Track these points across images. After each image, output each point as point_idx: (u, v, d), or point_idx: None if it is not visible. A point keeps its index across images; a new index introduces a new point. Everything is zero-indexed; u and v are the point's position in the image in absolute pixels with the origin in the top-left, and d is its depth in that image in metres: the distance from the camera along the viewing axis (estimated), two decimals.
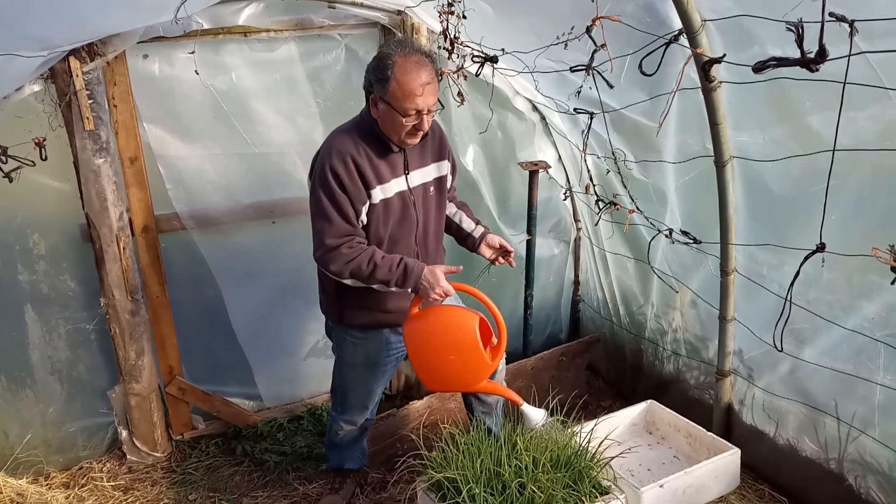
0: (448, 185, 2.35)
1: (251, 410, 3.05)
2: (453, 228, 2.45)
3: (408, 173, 2.18)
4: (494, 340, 2.16)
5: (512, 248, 2.34)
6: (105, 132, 2.46)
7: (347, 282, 2.11)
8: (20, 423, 2.73)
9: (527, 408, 2.21)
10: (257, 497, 2.72)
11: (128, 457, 2.88)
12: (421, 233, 2.26)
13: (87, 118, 2.39)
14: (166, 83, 2.58)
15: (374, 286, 2.11)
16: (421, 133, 2.07)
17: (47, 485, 2.75)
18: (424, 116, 2.01)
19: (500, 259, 2.37)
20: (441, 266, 2.11)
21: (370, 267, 2.06)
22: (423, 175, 2.23)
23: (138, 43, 2.42)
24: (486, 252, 2.37)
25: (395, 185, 2.16)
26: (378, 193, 2.12)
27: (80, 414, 2.83)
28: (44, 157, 2.33)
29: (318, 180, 2.07)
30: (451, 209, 2.44)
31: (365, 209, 2.11)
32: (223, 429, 3.03)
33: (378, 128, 2.10)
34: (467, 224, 2.43)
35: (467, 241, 2.42)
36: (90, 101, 2.38)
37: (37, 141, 2.30)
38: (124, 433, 2.86)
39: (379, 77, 2.00)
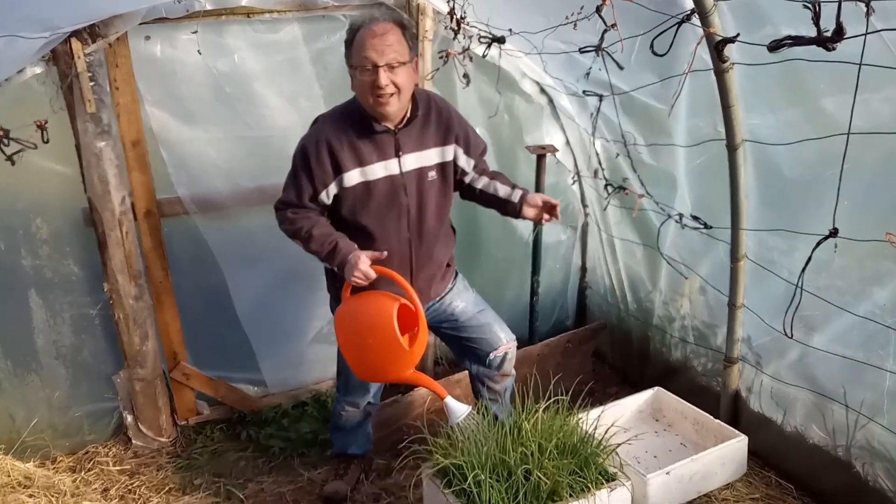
0: (455, 170, 2.28)
1: (256, 396, 3.05)
2: (490, 199, 2.34)
3: (400, 157, 2.15)
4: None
5: (556, 201, 2.21)
6: (107, 115, 2.44)
7: (295, 243, 2.19)
8: (26, 407, 2.74)
9: (450, 401, 2.13)
10: (262, 482, 2.72)
11: (133, 441, 2.89)
12: (414, 220, 2.21)
13: (89, 101, 2.37)
14: (168, 65, 2.55)
15: (312, 255, 2.17)
16: (387, 95, 2.00)
17: (54, 468, 2.76)
18: (381, 71, 1.97)
19: (547, 215, 2.22)
20: (368, 252, 2.07)
21: (307, 235, 2.13)
22: (419, 159, 2.18)
23: (140, 24, 2.38)
24: (530, 213, 2.24)
25: (382, 169, 2.13)
26: (355, 176, 2.11)
27: (85, 399, 2.84)
28: (46, 139, 2.31)
29: (294, 154, 2.19)
30: (483, 182, 2.34)
31: (330, 190, 2.14)
32: (228, 414, 3.03)
33: (363, 108, 2.09)
34: (503, 191, 2.30)
35: (508, 209, 2.31)
36: (92, 84, 2.36)
37: (38, 124, 2.28)
38: (129, 418, 2.86)
39: (346, 44, 2.05)
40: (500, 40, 2.50)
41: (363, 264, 2.03)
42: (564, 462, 2.14)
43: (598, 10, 1.85)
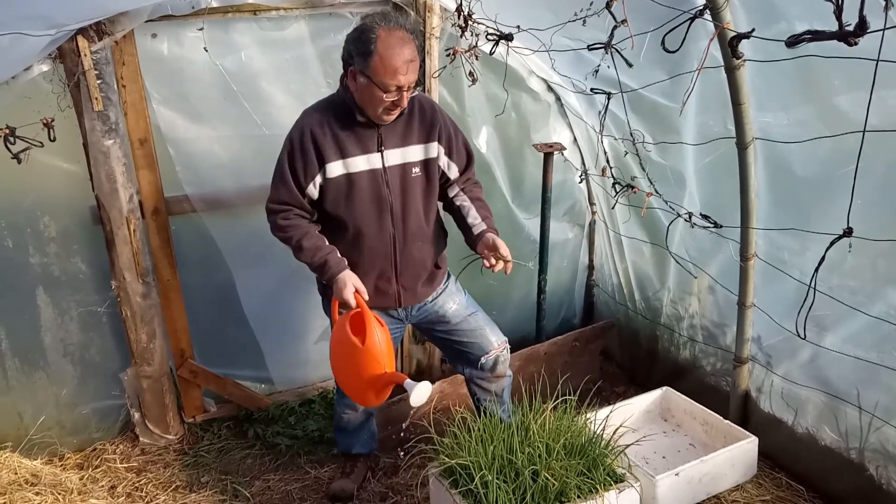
0: (439, 169, 2.25)
1: (262, 394, 3.05)
2: (461, 222, 2.34)
3: (382, 151, 2.13)
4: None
5: (504, 253, 2.15)
6: (114, 113, 2.43)
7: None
8: (34, 404, 2.74)
9: (409, 383, 2.05)
10: (269, 480, 2.71)
11: (140, 439, 2.89)
12: (399, 217, 2.19)
13: (96, 98, 2.36)
14: (175, 63, 2.55)
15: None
16: (399, 110, 2.05)
17: (62, 465, 2.77)
18: (404, 93, 2.00)
19: (493, 261, 2.17)
20: (357, 282, 2.12)
21: (297, 245, 2.15)
22: (403, 155, 2.17)
23: (147, 22, 2.37)
24: (481, 251, 2.23)
25: (364, 162, 2.13)
26: (337, 168, 2.11)
27: (92, 396, 2.84)
28: (52, 137, 2.30)
29: (281, 148, 2.18)
30: (463, 202, 2.32)
31: (316, 183, 2.14)
32: (234, 412, 3.03)
33: (352, 102, 2.08)
34: (471, 218, 2.29)
35: (468, 239, 2.30)
36: (99, 82, 2.35)
37: (45, 121, 2.27)
38: (137, 415, 2.87)
39: (361, 50, 1.98)
40: (508, 37, 2.47)
41: (348, 293, 2.09)
42: (572, 463, 2.12)
43: (609, 5, 1.82)
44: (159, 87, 2.55)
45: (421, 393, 1.97)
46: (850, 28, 1.23)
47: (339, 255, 2.17)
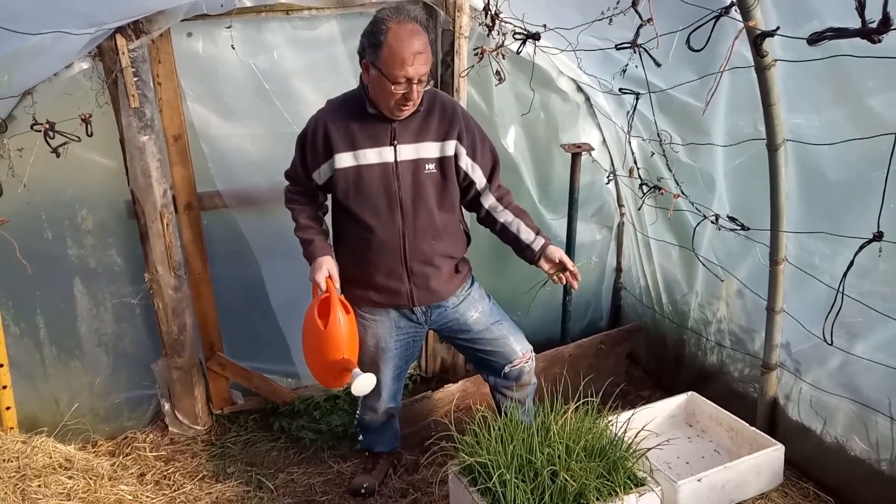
0: (461, 171, 2.22)
1: (288, 388, 3.09)
2: (510, 238, 2.32)
3: (395, 145, 2.14)
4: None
5: (573, 266, 2.24)
6: (150, 110, 2.50)
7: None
8: (69, 391, 2.83)
9: (356, 373, 2.10)
10: (293, 473, 2.75)
11: (170, 429, 2.96)
12: (409, 212, 2.18)
13: (133, 95, 2.43)
14: (209, 62, 2.61)
15: None
16: (411, 104, 2.05)
17: (94, 452, 2.85)
18: (414, 86, 2.00)
19: (560, 276, 2.27)
20: (332, 267, 2.19)
21: (294, 220, 2.29)
22: (416, 150, 2.16)
23: (182, 21, 2.44)
24: (545, 267, 2.29)
25: (375, 155, 2.14)
26: (347, 159, 2.13)
27: (125, 385, 2.92)
28: (90, 133, 2.38)
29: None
30: (506, 217, 2.30)
31: (322, 171, 2.20)
32: (261, 405, 3.08)
33: (365, 94, 2.10)
34: (525, 235, 2.28)
35: (526, 254, 2.31)
36: (135, 79, 2.42)
37: (83, 117, 2.35)
38: (167, 406, 2.94)
39: (372, 42, 2.00)
40: (535, 37, 2.47)
41: (320, 275, 2.16)
42: (592, 465, 2.11)
43: (635, 4, 1.81)
44: (194, 84, 2.62)
45: (362, 383, 2.07)
46: (874, 25, 1.20)
47: (327, 241, 2.26)
